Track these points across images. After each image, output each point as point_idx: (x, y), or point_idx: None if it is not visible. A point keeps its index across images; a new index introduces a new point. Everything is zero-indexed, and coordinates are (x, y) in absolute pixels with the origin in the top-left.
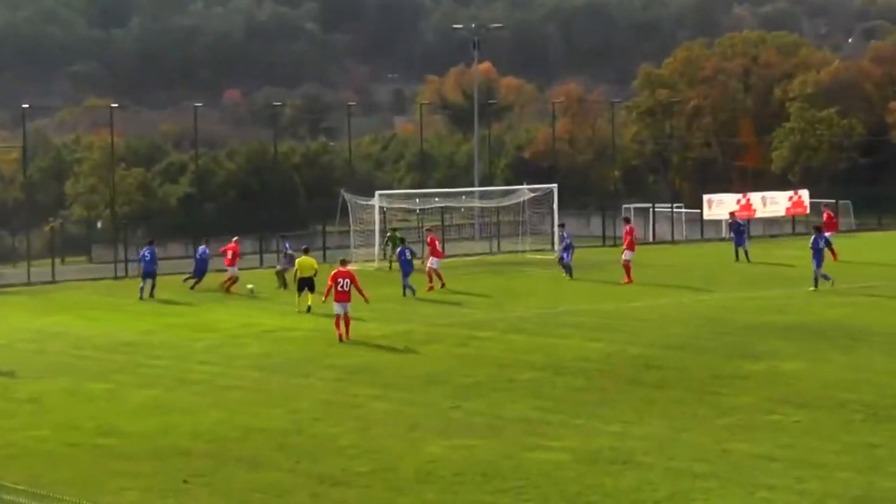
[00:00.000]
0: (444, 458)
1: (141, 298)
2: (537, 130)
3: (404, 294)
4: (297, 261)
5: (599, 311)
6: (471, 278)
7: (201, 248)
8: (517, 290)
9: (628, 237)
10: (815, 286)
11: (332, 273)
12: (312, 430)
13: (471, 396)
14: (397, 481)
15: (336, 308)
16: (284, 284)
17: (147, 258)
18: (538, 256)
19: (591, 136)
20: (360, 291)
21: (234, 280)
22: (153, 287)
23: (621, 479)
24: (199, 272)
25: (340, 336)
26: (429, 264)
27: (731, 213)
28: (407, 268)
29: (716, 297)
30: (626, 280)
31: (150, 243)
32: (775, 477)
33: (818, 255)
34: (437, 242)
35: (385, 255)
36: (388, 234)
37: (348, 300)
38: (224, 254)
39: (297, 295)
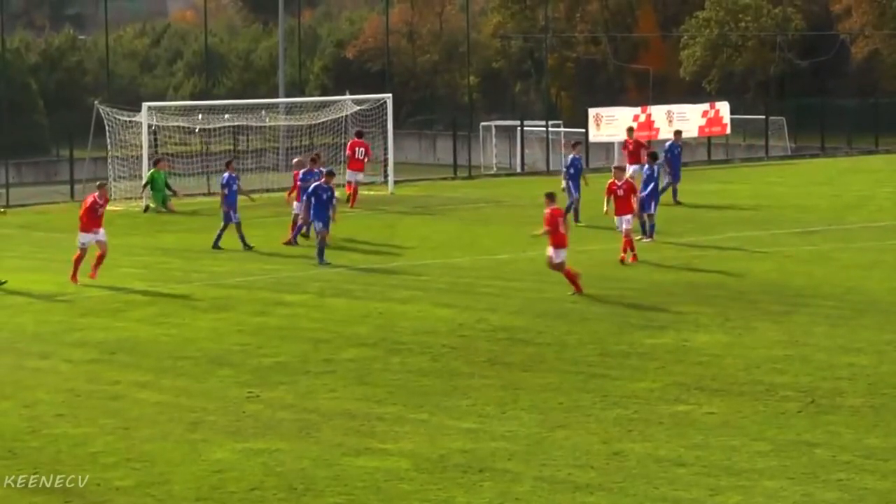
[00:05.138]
0: (236, 466)
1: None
2: (365, 20)
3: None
4: None
5: (450, 266)
6: (275, 223)
7: None
8: (337, 239)
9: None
10: (648, 235)
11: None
12: (54, 431)
13: (272, 383)
14: (171, 499)
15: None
16: None
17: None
18: (366, 192)
19: (438, 29)
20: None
21: None
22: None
23: (477, 494)
24: None
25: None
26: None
27: (677, 132)
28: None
29: (606, 248)
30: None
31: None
32: (683, 487)
33: (654, 190)
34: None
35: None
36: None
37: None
38: None
39: None
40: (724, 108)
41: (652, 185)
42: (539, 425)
